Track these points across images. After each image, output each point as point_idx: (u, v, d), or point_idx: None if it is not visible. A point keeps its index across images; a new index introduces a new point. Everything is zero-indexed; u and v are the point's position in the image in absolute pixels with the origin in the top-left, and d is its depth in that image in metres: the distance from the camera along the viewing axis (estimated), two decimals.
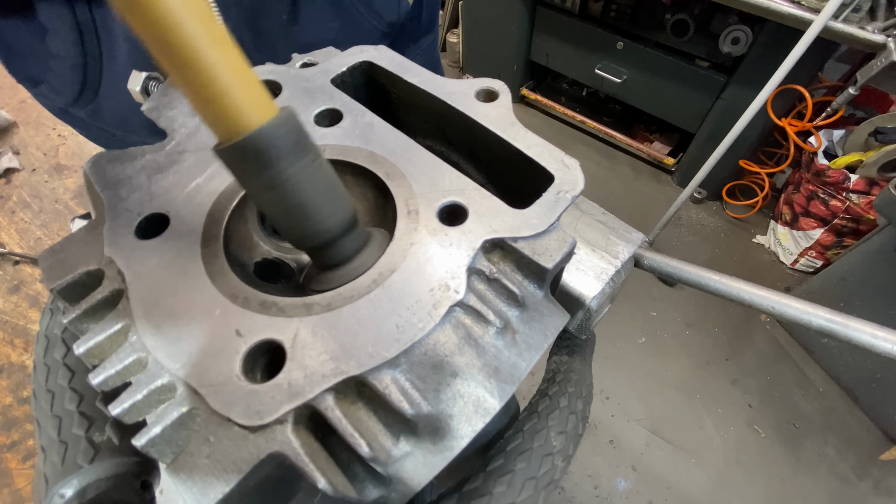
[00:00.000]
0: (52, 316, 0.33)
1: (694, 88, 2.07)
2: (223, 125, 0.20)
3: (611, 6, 2.12)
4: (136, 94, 0.45)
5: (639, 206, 2.39)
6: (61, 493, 0.25)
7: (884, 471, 1.61)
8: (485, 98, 0.33)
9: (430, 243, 0.25)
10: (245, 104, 0.19)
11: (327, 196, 0.23)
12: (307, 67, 0.37)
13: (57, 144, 2.39)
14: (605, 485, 1.58)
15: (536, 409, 0.30)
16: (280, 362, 0.21)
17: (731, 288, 0.33)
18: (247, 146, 0.20)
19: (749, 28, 1.78)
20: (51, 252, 0.25)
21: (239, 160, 0.21)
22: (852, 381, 1.74)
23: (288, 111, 0.21)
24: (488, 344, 0.24)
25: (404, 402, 0.20)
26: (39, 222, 2.10)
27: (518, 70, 2.67)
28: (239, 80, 0.19)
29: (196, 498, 0.19)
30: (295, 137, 0.21)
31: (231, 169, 0.22)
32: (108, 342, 0.22)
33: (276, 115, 0.20)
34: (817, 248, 1.94)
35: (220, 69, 0.18)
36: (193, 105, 0.19)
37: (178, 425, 0.20)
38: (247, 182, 0.22)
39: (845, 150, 1.74)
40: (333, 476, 0.19)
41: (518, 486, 0.25)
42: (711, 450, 1.65)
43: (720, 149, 1.66)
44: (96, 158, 0.29)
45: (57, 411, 0.28)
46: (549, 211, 0.26)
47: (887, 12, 1.41)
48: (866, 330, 0.28)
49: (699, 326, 1.96)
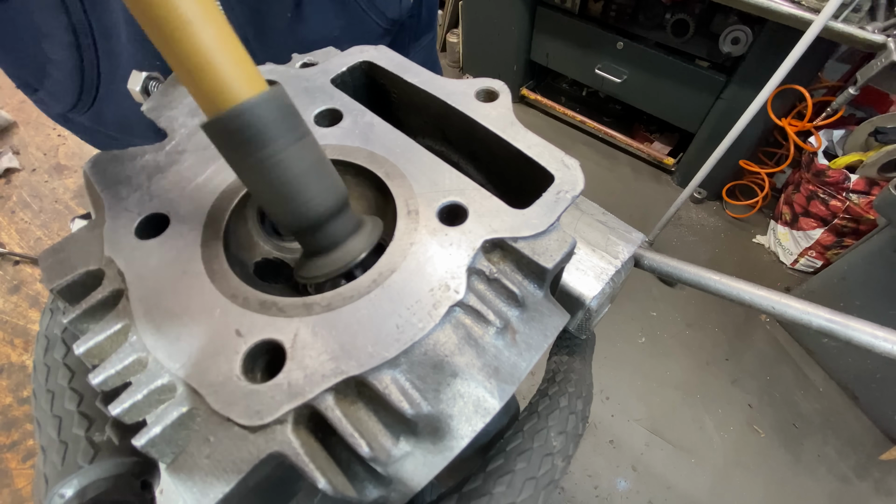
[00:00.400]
0: (52, 316, 0.33)
1: (694, 88, 2.07)
2: (209, 98, 0.19)
3: (611, 6, 2.12)
4: (135, 94, 0.45)
5: (639, 206, 2.39)
6: (61, 493, 0.25)
7: (884, 471, 1.61)
8: (485, 98, 0.33)
9: (430, 243, 0.25)
10: (231, 77, 0.19)
11: (316, 175, 0.23)
12: (307, 67, 0.37)
13: (57, 144, 2.39)
14: (605, 485, 1.58)
15: (536, 409, 0.30)
16: (280, 362, 0.21)
17: (731, 288, 0.33)
18: (231, 119, 0.20)
19: (749, 28, 1.77)
20: (51, 252, 0.25)
21: (224, 135, 0.21)
22: (852, 381, 1.74)
23: (277, 88, 0.21)
24: (488, 344, 0.24)
25: (404, 402, 0.20)
26: (39, 222, 2.10)
27: (518, 70, 2.67)
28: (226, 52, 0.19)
29: (196, 498, 0.19)
30: (283, 113, 0.21)
31: (217, 145, 0.21)
32: (108, 342, 0.22)
33: (264, 91, 0.20)
34: (817, 248, 1.94)
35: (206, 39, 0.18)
36: (179, 76, 0.19)
37: (178, 425, 0.20)
38: (233, 159, 0.22)
39: (845, 150, 1.74)
40: (333, 476, 0.19)
41: (518, 486, 0.25)
42: (711, 450, 1.65)
43: (720, 149, 1.66)
44: (96, 158, 0.29)
45: (57, 411, 0.28)
46: (549, 211, 0.26)
47: (887, 12, 1.41)
48: (866, 330, 0.28)
49: (699, 326, 1.96)
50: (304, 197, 0.23)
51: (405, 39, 0.79)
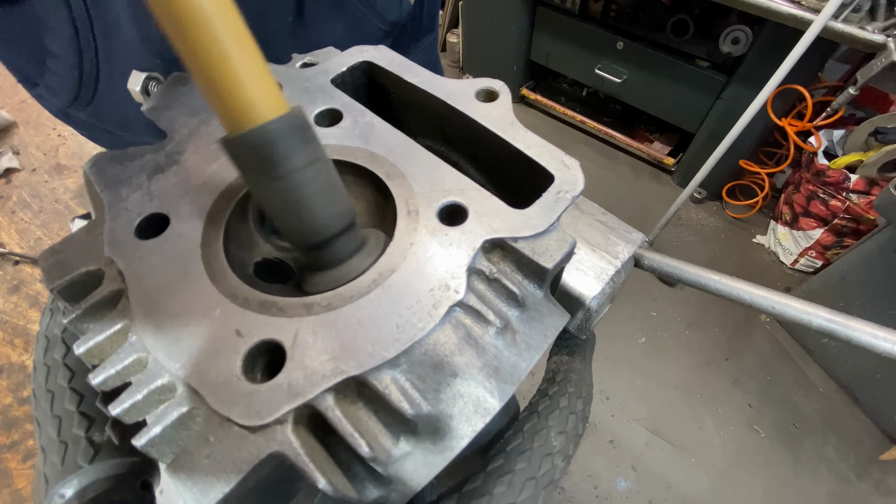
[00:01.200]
0: (52, 316, 0.33)
1: (694, 88, 2.07)
2: (234, 116, 0.20)
3: (611, 6, 2.12)
4: (136, 95, 0.45)
5: (639, 206, 2.39)
6: (61, 493, 0.25)
7: (884, 471, 1.61)
8: (485, 98, 0.33)
9: (430, 243, 0.25)
10: (257, 98, 0.20)
11: (328, 195, 0.24)
12: (307, 67, 0.37)
13: (57, 144, 2.39)
14: (605, 485, 1.58)
15: (536, 409, 0.30)
16: (280, 362, 0.21)
17: (731, 288, 0.33)
18: (254, 139, 0.20)
19: (749, 28, 1.78)
20: (51, 252, 0.25)
21: (244, 153, 0.21)
22: (852, 381, 1.74)
23: (297, 109, 0.22)
24: (488, 344, 0.24)
25: (404, 402, 0.20)
26: (39, 222, 2.10)
27: (518, 70, 2.66)
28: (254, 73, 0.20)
29: (196, 498, 0.19)
30: (302, 135, 0.22)
31: (235, 161, 0.22)
32: (108, 342, 0.22)
33: (285, 112, 0.21)
34: (817, 248, 1.94)
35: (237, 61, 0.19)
36: (206, 94, 0.20)
37: (178, 425, 0.20)
38: (250, 175, 0.22)
39: (845, 150, 1.74)
40: (333, 476, 0.19)
41: (518, 486, 0.25)
42: (711, 450, 1.65)
43: (720, 149, 1.66)
44: (96, 158, 0.29)
45: (57, 411, 0.28)
46: (549, 211, 0.26)
47: (887, 12, 1.41)
48: (866, 330, 0.28)
49: (699, 326, 1.96)
50: (315, 216, 0.23)
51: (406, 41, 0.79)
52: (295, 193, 0.22)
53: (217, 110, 0.20)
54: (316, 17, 0.63)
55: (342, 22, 0.65)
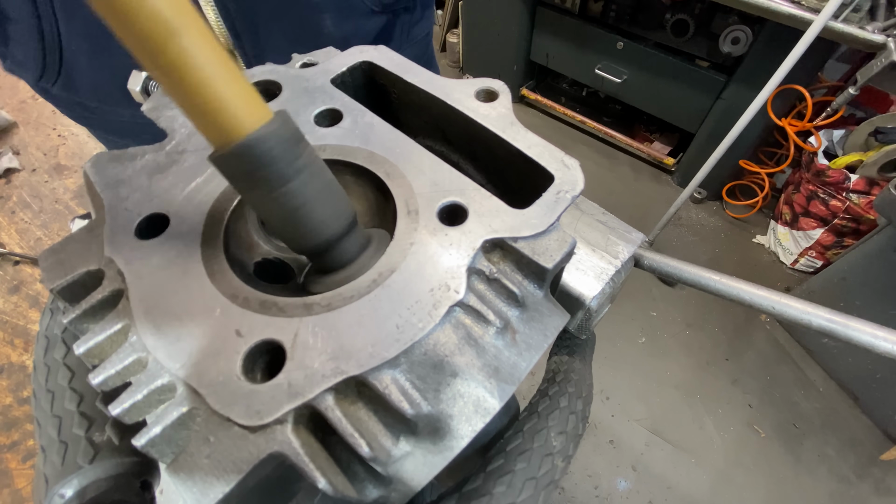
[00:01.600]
0: (52, 316, 0.33)
1: (694, 88, 2.07)
2: (216, 133, 0.19)
3: (611, 6, 2.12)
4: (136, 95, 0.45)
5: (639, 206, 2.39)
6: (61, 493, 0.25)
7: (884, 471, 1.61)
8: (485, 98, 0.33)
9: (430, 243, 0.25)
10: (237, 110, 0.19)
11: (325, 199, 0.23)
12: (307, 67, 0.37)
13: (57, 144, 2.39)
14: (605, 485, 1.58)
15: (536, 409, 0.30)
16: (280, 362, 0.21)
17: (731, 288, 0.33)
18: (240, 153, 0.19)
19: (749, 28, 1.78)
20: (51, 252, 0.25)
21: (234, 168, 0.21)
22: (852, 381, 1.74)
23: (282, 115, 0.21)
24: (488, 344, 0.24)
25: (404, 402, 0.20)
26: (39, 222, 2.10)
27: (518, 70, 2.67)
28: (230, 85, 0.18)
29: (196, 498, 0.19)
30: (290, 142, 0.21)
31: (227, 177, 0.21)
32: (108, 342, 0.22)
33: (269, 120, 0.20)
34: (817, 248, 1.94)
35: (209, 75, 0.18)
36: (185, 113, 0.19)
37: (178, 425, 0.20)
38: (244, 190, 0.22)
39: (845, 150, 1.74)
40: (333, 476, 0.19)
41: (518, 487, 0.25)
42: (711, 450, 1.65)
43: (720, 149, 1.66)
44: (96, 158, 0.29)
45: (57, 411, 0.28)
46: (549, 211, 0.26)
47: (887, 12, 1.41)
48: (866, 330, 0.28)
49: (699, 326, 1.96)
50: (314, 222, 0.23)
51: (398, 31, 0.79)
52: (292, 201, 0.22)
53: (198, 128, 0.19)
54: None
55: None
